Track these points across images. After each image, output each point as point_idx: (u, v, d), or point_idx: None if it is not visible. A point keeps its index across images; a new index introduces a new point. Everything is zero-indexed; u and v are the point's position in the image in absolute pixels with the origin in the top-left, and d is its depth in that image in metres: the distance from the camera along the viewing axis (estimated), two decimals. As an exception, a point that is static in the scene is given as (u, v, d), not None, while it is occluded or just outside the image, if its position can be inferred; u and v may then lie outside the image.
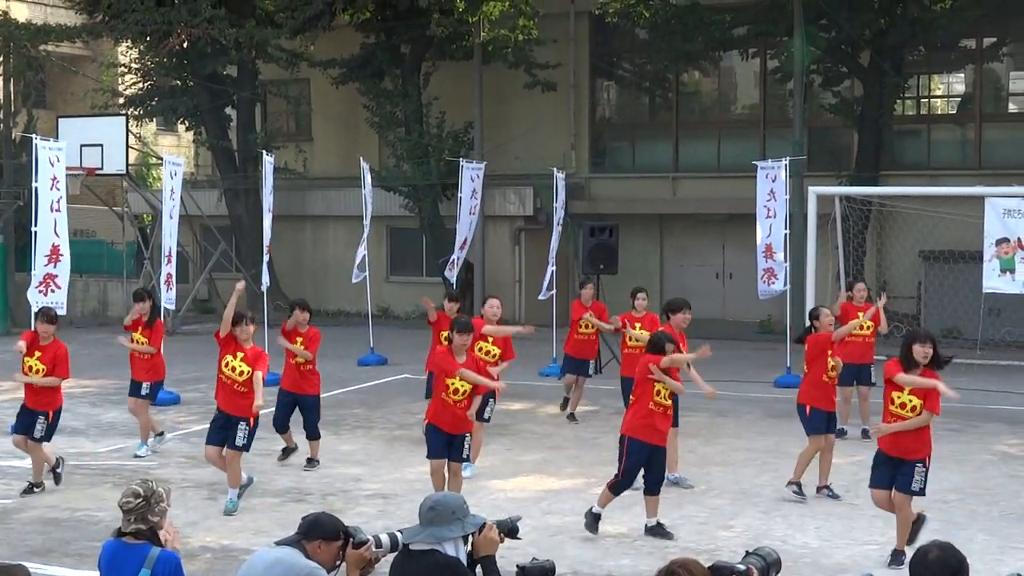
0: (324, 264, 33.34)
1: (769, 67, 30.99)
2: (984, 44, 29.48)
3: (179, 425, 16.64)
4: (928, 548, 5.13)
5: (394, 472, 14.02)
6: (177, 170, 20.97)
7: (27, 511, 12.34)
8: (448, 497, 6.08)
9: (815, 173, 27.12)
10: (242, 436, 12.27)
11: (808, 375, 12.80)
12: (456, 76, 30.97)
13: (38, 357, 12.80)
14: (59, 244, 17.14)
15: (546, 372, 21.43)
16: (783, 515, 12.06)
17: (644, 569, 10.24)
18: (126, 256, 32.49)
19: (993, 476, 13.82)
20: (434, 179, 30.03)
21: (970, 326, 24.32)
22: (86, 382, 20.40)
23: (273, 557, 6.07)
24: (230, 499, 12.27)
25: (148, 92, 33.63)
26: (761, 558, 5.01)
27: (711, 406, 18.29)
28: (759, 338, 27.38)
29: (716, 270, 31.46)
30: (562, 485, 13.37)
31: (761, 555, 5.03)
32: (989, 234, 18.87)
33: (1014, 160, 28.02)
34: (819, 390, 12.61)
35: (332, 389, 20.19)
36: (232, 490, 12.32)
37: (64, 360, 12.85)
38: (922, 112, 30.98)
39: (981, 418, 17.29)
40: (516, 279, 30.87)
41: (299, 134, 34.94)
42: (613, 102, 34.47)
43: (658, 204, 31.32)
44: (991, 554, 10.45)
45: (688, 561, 4.89)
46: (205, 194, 33.72)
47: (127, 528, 6.31)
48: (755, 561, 4.97)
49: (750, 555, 5.03)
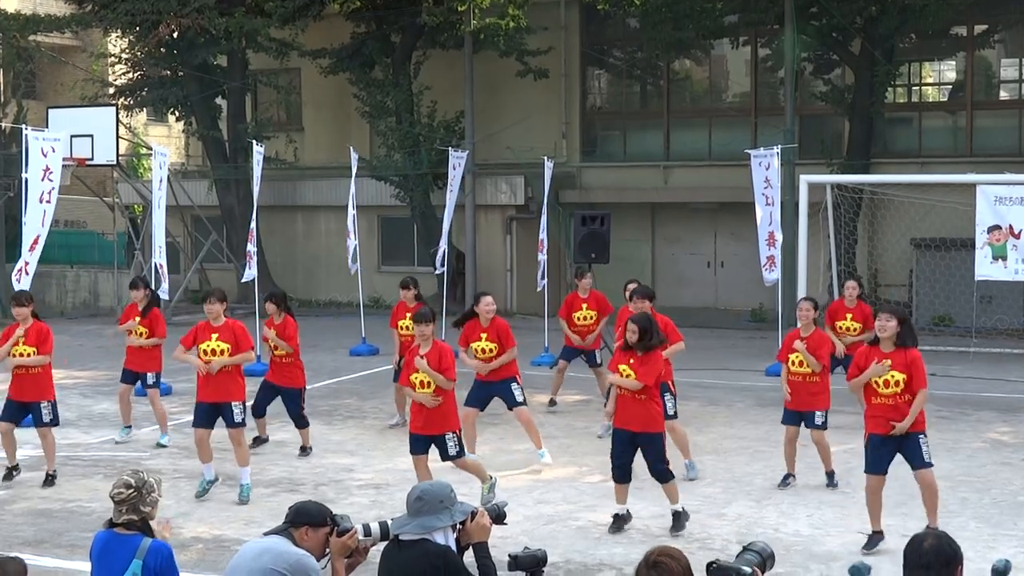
0: (315, 254, 33.30)
1: (760, 55, 30.99)
2: (975, 31, 29.49)
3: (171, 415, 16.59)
4: (923, 536, 5.12)
5: (386, 462, 14.01)
6: (164, 160, 20.96)
7: (19, 502, 12.32)
8: (435, 486, 6.06)
9: (806, 161, 27.13)
10: (239, 412, 12.24)
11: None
12: (447, 65, 30.93)
13: (23, 341, 12.76)
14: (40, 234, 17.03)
15: (538, 361, 21.43)
16: (775, 503, 12.07)
17: (636, 557, 10.18)
18: (117, 247, 32.43)
19: (985, 464, 13.84)
20: (425, 169, 30.00)
21: (962, 314, 24.38)
22: (77, 373, 20.37)
23: (261, 546, 6.08)
24: (243, 484, 12.21)
25: (138, 82, 33.53)
26: (756, 553, 4.98)
27: (702, 395, 18.35)
28: (750, 326, 27.43)
29: (707, 259, 31.48)
30: (554, 474, 13.36)
31: (755, 550, 5.00)
32: (981, 222, 18.89)
33: (1005, 147, 28.06)
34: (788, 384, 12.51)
35: (324, 379, 20.22)
36: (243, 469, 12.26)
37: (47, 337, 12.81)
38: (913, 100, 30.98)
39: (973, 406, 17.32)
40: (507, 268, 30.85)
41: (290, 124, 34.89)
42: (604, 91, 34.44)
43: (650, 193, 31.32)
44: (983, 541, 10.48)
45: (668, 548, 4.89)
46: (196, 184, 33.68)
47: (119, 519, 6.30)
48: (751, 557, 4.95)
49: (745, 551, 5.00)
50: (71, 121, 27.13)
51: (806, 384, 12.38)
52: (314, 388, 19.24)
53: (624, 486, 11.05)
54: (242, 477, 12.29)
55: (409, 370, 11.46)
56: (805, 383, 12.38)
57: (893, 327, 10.09)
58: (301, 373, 14.58)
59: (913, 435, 10.14)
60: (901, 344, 10.14)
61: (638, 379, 10.67)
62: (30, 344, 12.71)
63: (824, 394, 12.44)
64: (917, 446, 10.14)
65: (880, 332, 10.16)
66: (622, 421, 10.85)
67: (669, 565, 4.76)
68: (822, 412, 12.37)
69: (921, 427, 10.19)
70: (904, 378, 10.05)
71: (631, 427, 10.80)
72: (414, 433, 11.53)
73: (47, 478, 12.89)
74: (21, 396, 12.85)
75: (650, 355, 10.77)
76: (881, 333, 10.14)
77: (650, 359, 10.76)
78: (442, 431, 11.36)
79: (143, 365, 15.06)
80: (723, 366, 21.27)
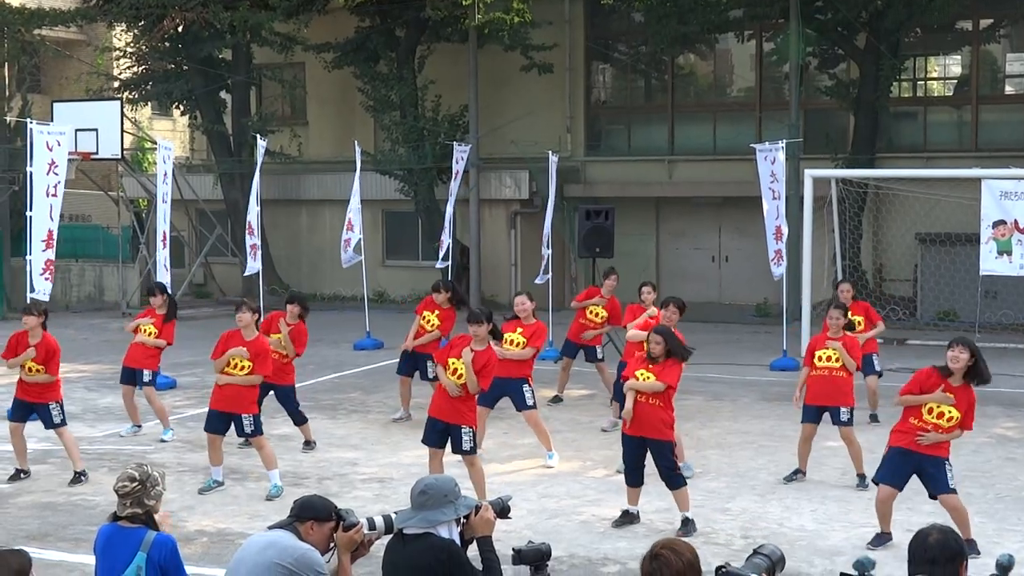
0: (320, 248, 33.30)
1: (765, 50, 30.94)
2: (981, 25, 29.41)
3: (175, 409, 16.61)
4: (928, 531, 5.11)
5: (390, 456, 14.01)
6: (168, 154, 20.97)
7: (23, 495, 12.33)
8: (440, 480, 6.06)
9: (811, 156, 27.10)
10: (249, 424, 12.24)
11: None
12: (451, 59, 30.90)
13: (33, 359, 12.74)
14: (53, 229, 17.13)
15: (542, 356, 21.38)
16: (779, 498, 12.06)
17: (640, 552, 10.15)
18: (122, 241, 32.44)
19: (990, 459, 13.82)
20: (429, 163, 29.99)
21: (967, 309, 24.34)
22: (82, 367, 20.39)
23: (266, 540, 6.08)
24: (273, 484, 12.20)
25: (143, 76, 33.54)
26: (766, 556, 4.96)
27: (707, 389, 18.34)
28: (755, 321, 27.41)
29: (712, 253, 31.45)
30: (559, 469, 13.36)
31: (765, 553, 4.97)
32: (986, 216, 18.83)
33: (1011, 142, 27.99)
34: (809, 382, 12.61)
35: (328, 373, 20.23)
36: (270, 472, 12.27)
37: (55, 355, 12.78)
38: (918, 94, 30.92)
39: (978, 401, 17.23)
40: (512, 263, 30.83)
41: (294, 118, 34.88)
42: (609, 85, 34.39)
43: (654, 187, 31.28)
44: (987, 537, 10.46)
45: (673, 541, 4.89)
46: (200, 178, 33.68)
47: (123, 512, 6.31)
48: (760, 561, 4.92)
49: (755, 555, 4.98)
50: (76, 115, 27.14)
51: (832, 379, 12.38)
52: (318, 382, 19.28)
53: (636, 489, 11.09)
54: (271, 478, 12.32)
55: (452, 352, 11.38)
56: (831, 377, 12.38)
57: (965, 360, 9.98)
58: (293, 371, 14.58)
59: (938, 459, 10.06)
60: (968, 381, 10.08)
61: (659, 380, 10.72)
62: (39, 362, 12.70)
63: (850, 391, 12.45)
64: (942, 471, 10.04)
65: (952, 364, 9.98)
66: (635, 428, 10.85)
67: (668, 558, 4.75)
68: (848, 408, 12.34)
69: (946, 452, 10.13)
70: (958, 417, 10.01)
71: (643, 433, 10.83)
72: (433, 417, 11.42)
73: (75, 476, 12.82)
74: (29, 397, 12.87)
75: (669, 360, 10.86)
76: (953, 364, 9.97)
77: (670, 362, 10.86)
78: (460, 423, 11.31)
79: (141, 362, 15.04)
80: (728, 361, 21.25)
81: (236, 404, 12.20)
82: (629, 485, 11.07)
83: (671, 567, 4.73)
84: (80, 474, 12.82)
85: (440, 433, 11.39)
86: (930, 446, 10.06)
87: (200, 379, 18.71)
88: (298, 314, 14.48)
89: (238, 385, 12.20)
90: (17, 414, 12.96)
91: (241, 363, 12.19)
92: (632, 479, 11.03)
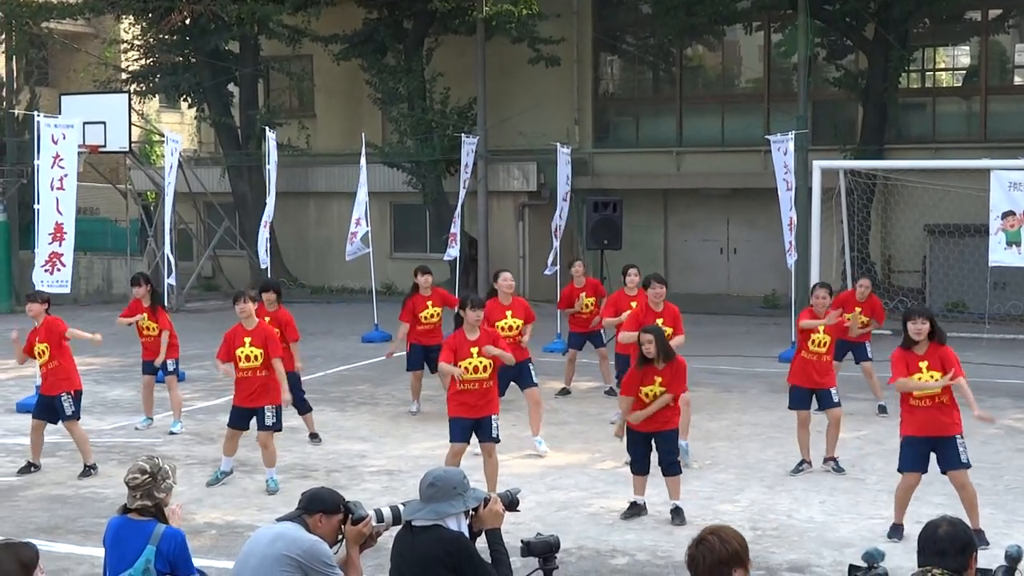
0: (328, 241, 33.30)
1: (773, 41, 30.88)
2: (990, 16, 29.35)
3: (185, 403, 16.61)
4: (938, 523, 5.10)
5: (399, 448, 14.02)
6: (177, 147, 20.97)
7: (33, 488, 12.36)
8: (449, 473, 6.06)
9: (819, 147, 27.03)
10: (271, 416, 12.15)
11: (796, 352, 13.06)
12: (459, 52, 30.88)
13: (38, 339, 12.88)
14: (62, 222, 17.12)
15: (550, 348, 21.41)
16: (788, 490, 12.05)
17: (648, 544, 10.24)
18: (130, 234, 32.48)
19: (999, 450, 13.79)
20: (437, 155, 29.98)
21: (976, 300, 24.28)
22: (90, 360, 20.38)
23: (275, 532, 6.09)
24: (269, 478, 12.18)
25: (150, 69, 33.57)
26: None
27: (716, 381, 18.33)
28: (763, 313, 27.38)
29: (720, 245, 31.42)
30: (567, 460, 13.36)
31: None
32: (995, 207, 18.78)
33: (1020, 132, 27.91)
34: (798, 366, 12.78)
35: (336, 366, 20.24)
36: (269, 470, 12.25)
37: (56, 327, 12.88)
38: (927, 85, 30.84)
39: (987, 392, 17.22)
40: (520, 255, 30.82)
41: (302, 110, 34.89)
42: (616, 77, 34.36)
43: (662, 179, 31.25)
44: (996, 528, 10.44)
45: (721, 528, 4.88)
46: (208, 171, 33.69)
47: (133, 504, 6.32)
48: None
49: None
50: (84, 108, 27.13)
51: (821, 363, 12.67)
52: (326, 375, 19.29)
53: (643, 477, 11.08)
54: (268, 474, 12.30)
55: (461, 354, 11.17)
56: (820, 362, 12.66)
57: (927, 329, 10.08)
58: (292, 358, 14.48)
59: (951, 437, 10.10)
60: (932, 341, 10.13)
61: (671, 391, 10.76)
62: (43, 341, 12.82)
63: (832, 372, 12.87)
64: (955, 447, 10.08)
65: (916, 336, 10.07)
66: (643, 424, 10.87)
67: (712, 545, 4.74)
68: (835, 389, 12.71)
69: (959, 429, 10.16)
70: (941, 375, 10.03)
71: (651, 428, 10.88)
72: (461, 417, 11.29)
73: (85, 469, 12.82)
74: (49, 391, 12.91)
75: (673, 361, 10.85)
76: (917, 336, 10.08)
77: (676, 364, 10.86)
78: (490, 413, 11.30)
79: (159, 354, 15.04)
80: (736, 352, 21.24)
81: (259, 397, 12.16)
82: (635, 473, 11.08)
83: (714, 553, 4.72)
84: (90, 467, 12.84)
85: (468, 429, 11.35)
86: (941, 424, 10.08)
87: (208, 371, 18.71)
88: (275, 300, 14.30)
89: (260, 379, 12.16)
90: (40, 411, 12.98)
91: (252, 353, 12.16)
92: (638, 467, 11.05)
